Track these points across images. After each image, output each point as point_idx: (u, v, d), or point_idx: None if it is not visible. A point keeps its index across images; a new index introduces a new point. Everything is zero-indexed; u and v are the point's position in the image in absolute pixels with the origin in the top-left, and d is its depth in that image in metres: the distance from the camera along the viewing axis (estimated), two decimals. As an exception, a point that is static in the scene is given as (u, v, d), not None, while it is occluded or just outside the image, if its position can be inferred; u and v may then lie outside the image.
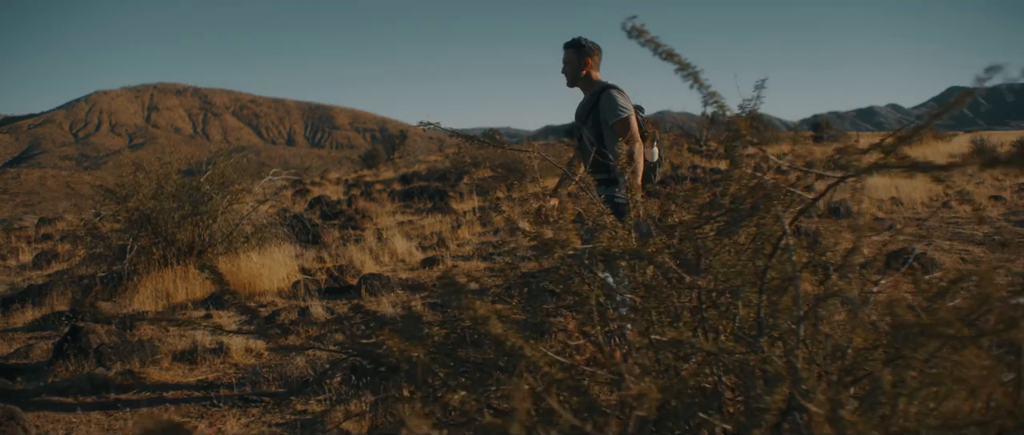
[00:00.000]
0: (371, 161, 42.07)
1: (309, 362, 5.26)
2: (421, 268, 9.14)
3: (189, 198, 8.25)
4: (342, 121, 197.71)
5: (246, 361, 5.53)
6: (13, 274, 10.91)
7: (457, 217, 14.08)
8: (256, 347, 5.74)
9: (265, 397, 4.72)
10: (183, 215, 8.10)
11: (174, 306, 7.43)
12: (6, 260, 12.25)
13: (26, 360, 5.90)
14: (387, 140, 51.86)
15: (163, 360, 5.46)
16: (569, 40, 4.94)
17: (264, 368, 5.25)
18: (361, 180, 27.77)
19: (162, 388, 4.99)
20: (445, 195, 18.40)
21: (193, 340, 5.86)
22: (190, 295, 7.73)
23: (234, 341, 5.68)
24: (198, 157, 9.06)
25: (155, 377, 5.16)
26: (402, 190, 20.88)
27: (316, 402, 4.59)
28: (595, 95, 4.82)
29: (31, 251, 13.21)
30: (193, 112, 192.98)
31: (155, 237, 8.09)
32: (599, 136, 4.81)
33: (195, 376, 5.21)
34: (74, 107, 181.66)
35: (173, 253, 8.14)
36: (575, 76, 4.92)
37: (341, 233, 12.77)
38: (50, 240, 14.93)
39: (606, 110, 4.71)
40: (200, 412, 4.52)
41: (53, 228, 16.69)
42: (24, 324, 7.32)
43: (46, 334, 6.84)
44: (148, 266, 8.08)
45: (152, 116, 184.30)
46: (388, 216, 15.62)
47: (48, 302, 7.86)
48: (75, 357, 5.28)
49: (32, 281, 10.09)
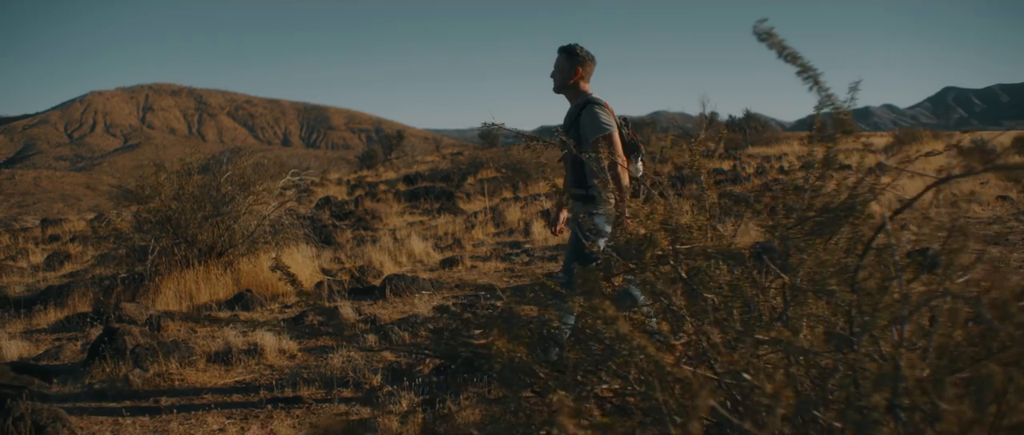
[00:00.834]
0: (369, 161, 41.99)
1: (345, 363, 5.25)
2: (441, 268, 9.13)
3: (210, 199, 8.22)
4: (337, 122, 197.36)
5: (280, 362, 5.51)
6: (27, 275, 10.87)
7: (467, 217, 14.07)
8: (289, 348, 5.72)
9: (306, 398, 4.69)
10: (205, 216, 8.08)
11: (198, 307, 7.40)
12: (17, 261, 12.20)
13: (57, 361, 5.88)
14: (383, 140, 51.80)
15: (198, 361, 5.43)
16: (565, 45, 4.81)
17: (302, 369, 5.23)
18: (363, 180, 27.72)
19: (201, 390, 4.97)
20: (452, 196, 18.38)
21: (226, 341, 5.84)
22: (213, 296, 7.70)
23: (267, 342, 5.65)
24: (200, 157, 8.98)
25: (192, 379, 5.14)
26: (407, 191, 20.86)
27: (358, 403, 4.58)
28: (578, 108, 4.70)
29: (41, 252, 13.17)
30: (188, 113, 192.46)
31: (176, 238, 8.06)
32: (579, 150, 4.67)
33: (232, 377, 5.19)
34: (69, 107, 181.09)
35: (194, 254, 8.11)
36: (563, 83, 4.78)
37: (353, 234, 12.75)
38: (58, 241, 14.87)
39: (587, 126, 4.57)
40: (244, 414, 4.50)
41: (60, 229, 16.62)
42: (48, 325, 7.29)
43: (71, 335, 6.81)
44: (169, 267, 8.05)
45: (147, 116, 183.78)
46: (397, 217, 15.60)
47: (70, 303, 7.83)
48: (111, 358, 5.25)
49: (47, 282, 10.06)
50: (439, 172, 26.22)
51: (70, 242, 13.90)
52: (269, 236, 8.59)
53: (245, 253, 8.30)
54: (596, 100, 4.69)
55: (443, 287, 7.89)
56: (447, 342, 2.52)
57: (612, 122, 4.60)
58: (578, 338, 2.45)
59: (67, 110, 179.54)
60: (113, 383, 5.06)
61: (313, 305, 2.65)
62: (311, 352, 5.73)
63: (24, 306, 7.96)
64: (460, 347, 2.47)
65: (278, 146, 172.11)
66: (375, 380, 4.87)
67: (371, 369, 5.03)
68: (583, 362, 2.38)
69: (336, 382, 4.92)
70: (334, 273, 8.65)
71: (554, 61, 4.81)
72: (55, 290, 8.41)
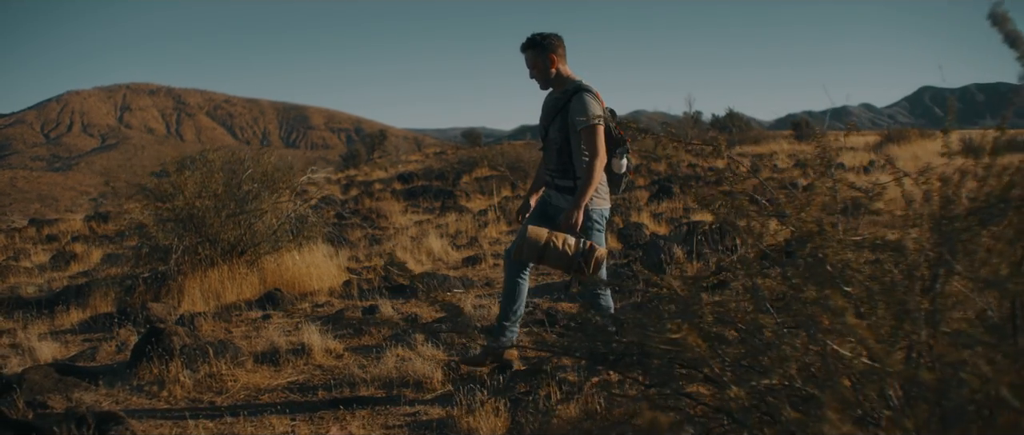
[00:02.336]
0: (352, 161, 41.74)
1: (399, 362, 5.13)
2: (464, 267, 9.01)
3: (233, 196, 8.07)
4: (317, 121, 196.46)
5: (328, 362, 5.39)
6: (35, 275, 10.65)
7: (475, 216, 13.97)
8: (334, 347, 5.60)
9: (368, 399, 4.57)
10: (229, 214, 7.92)
11: (226, 306, 7.25)
12: (19, 261, 11.96)
13: (94, 363, 5.73)
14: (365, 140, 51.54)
15: (246, 361, 5.30)
16: (525, 41, 4.62)
17: (355, 369, 5.11)
18: (354, 180, 27.49)
19: (256, 391, 4.84)
20: (452, 194, 18.24)
21: (270, 341, 5.71)
22: (240, 295, 7.55)
23: (315, 341, 5.53)
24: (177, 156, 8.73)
25: (243, 380, 5.01)
26: (404, 189, 20.72)
27: (421, 403, 4.47)
28: (567, 95, 4.55)
29: (42, 252, 12.94)
30: (166, 112, 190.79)
31: (199, 236, 7.91)
32: (566, 139, 4.57)
33: (284, 378, 5.06)
34: (45, 107, 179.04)
35: (217, 253, 7.96)
36: (546, 77, 4.63)
37: (363, 232, 12.61)
38: (57, 241, 14.62)
39: (576, 114, 4.46)
40: (309, 416, 4.38)
41: (57, 229, 16.35)
42: (72, 325, 7.13)
43: (99, 336, 6.66)
44: (193, 266, 7.90)
45: (125, 116, 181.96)
46: (401, 215, 15.47)
47: (92, 303, 7.66)
48: (159, 359, 5.10)
49: (58, 282, 9.86)
50: (433, 171, 26.06)
51: (73, 242, 13.67)
52: (291, 234, 8.44)
53: (269, 251, 8.15)
54: (587, 87, 4.55)
55: (474, 285, 7.78)
56: (592, 339, 2.41)
57: (601, 113, 4.47)
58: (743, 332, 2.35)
59: (44, 110, 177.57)
60: (163, 384, 4.92)
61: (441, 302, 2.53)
62: (357, 352, 5.61)
63: (44, 307, 7.77)
64: (606, 344, 2.37)
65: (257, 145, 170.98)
66: (437, 380, 4.76)
67: (430, 369, 4.92)
68: (743, 356, 2.29)
69: (396, 382, 4.81)
70: (359, 272, 8.51)
71: (525, 61, 4.65)
72: (73, 290, 8.22)
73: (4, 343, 6.54)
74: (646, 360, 2.32)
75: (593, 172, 4.37)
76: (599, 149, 4.42)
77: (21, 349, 6.19)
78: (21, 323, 7.27)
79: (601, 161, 4.42)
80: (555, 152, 4.63)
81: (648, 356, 2.32)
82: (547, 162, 4.78)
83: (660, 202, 13.62)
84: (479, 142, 44.05)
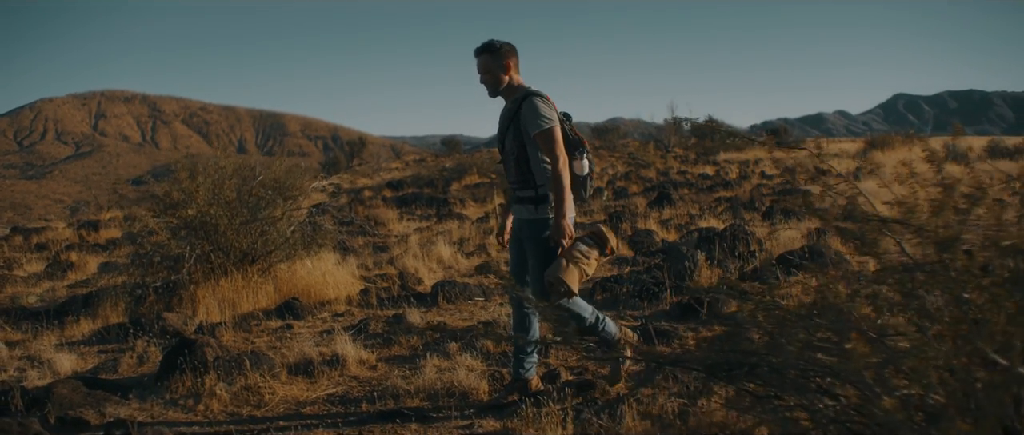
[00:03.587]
0: (332, 168, 41.51)
1: (439, 372, 4.98)
2: (477, 274, 8.88)
3: (246, 204, 7.90)
4: (293, 128, 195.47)
5: (363, 373, 5.25)
6: (32, 285, 10.38)
7: (474, 223, 13.84)
8: (367, 358, 5.45)
9: (414, 411, 4.43)
10: (242, 221, 7.75)
11: (243, 316, 7.07)
12: (13, 270, 11.67)
13: (116, 375, 5.55)
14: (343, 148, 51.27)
15: (280, 373, 5.14)
16: (480, 46, 4.44)
17: (394, 380, 4.97)
18: (340, 187, 27.23)
19: (296, 404, 4.69)
20: (446, 202, 18.10)
21: (301, 351, 5.54)
22: (256, 304, 7.38)
23: (349, 352, 5.38)
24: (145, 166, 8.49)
25: (281, 392, 4.86)
26: (395, 197, 20.53)
27: (472, 415, 4.34)
28: (517, 103, 4.38)
29: (35, 261, 12.64)
30: (142, 120, 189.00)
31: (211, 245, 7.72)
32: (522, 147, 4.38)
33: (322, 390, 4.91)
34: (18, 114, 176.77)
35: (230, 261, 7.78)
36: (497, 84, 4.44)
37: (364, 240, 12.44)
38: (47, 250, 14.31)
39: (527, 120, 4.27)
40: (358, 430, 4.23)
41: (45, 237, 16.01)
42: (83, 336, 6.92)
43: (115, 347, 6.46)
44: (204, 275, 7.71)
45: (99, 124, 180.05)
46: (398, 223, 15.30)
47: (101, 313, 7.44)
48: (192, 371, 4.93)
49: (57, 292, 9.62)
50: (422, 178, 25.87)
51: (67, 251, 13.38)
52: (304, 242, 8.27)
53: (283, 259, 7.98)
54: (536, 92, 4.38)
55: (494, 293, 7.66)
56: (722, 350, 2.30)
57: (554, 116, 4.31)
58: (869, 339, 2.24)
59: (16, 117, 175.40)
60: (199, 398, 4.75)
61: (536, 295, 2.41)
62: (391, 362, 5.47)
63: (52, 317, 7.56)
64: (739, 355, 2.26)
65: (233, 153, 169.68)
66: (483, 390, 4.63)
67: (474, 380, 4.78)
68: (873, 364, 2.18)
69: (441, 393, 4.67)
70: (374, 280, 8.35)
71: (477, 66, 4.44)
72: (80, 300, 8.00)
73: (16, 355, 6.33)
74: (778, 371, 2.21)
75: (560, 175, 4.18)
76: (559, 152, 4.23)
77: (38, 361, 5.99)
78: (30, 334, 7.06)
79: (564, 163, 4.23)
80: (513, 162, 4.44)
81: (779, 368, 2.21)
82: (507, 174, 4.59)
83: (662, 208, 13.55)
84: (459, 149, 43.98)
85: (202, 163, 8.06)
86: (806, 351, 2.27)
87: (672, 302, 6.55)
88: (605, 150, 33.28)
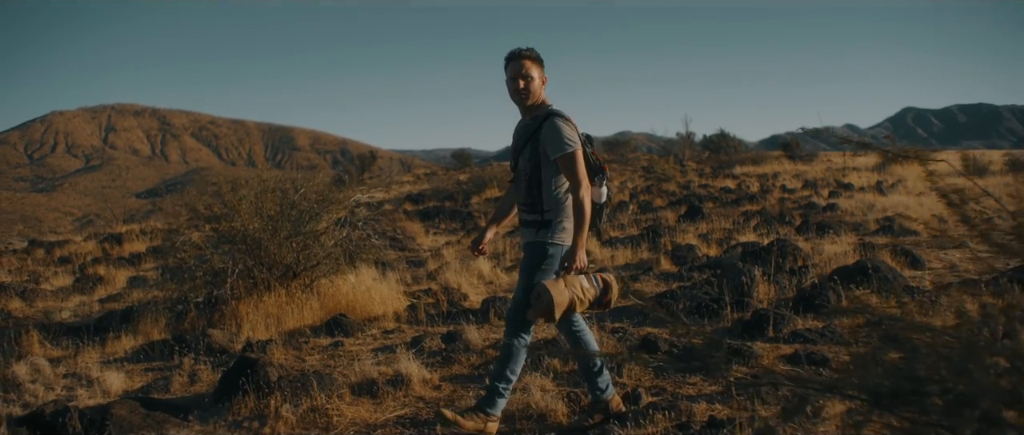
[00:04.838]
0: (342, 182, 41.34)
1: (512, 393, 4.76)
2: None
3: (288, 218, 7.71)
4: (303, 142, 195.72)
5: (428, 393, 5.03)
6: (61, 298, 10.20)
7: (503, 237, 13.64)
8: (431, 378, 5.24)
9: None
10: (286, 235, 7.56)
11: (290, 333, 6.87)
12: (40, 284, 11.49)
13: (168, 394, 5.36)
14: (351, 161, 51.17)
15: (344, 393, 4.93)
16: (524, 48, 4.14)
17: (471, 401, 4.75)
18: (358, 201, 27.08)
19: (365, 426, 4.48)
20: (471, 215, 17.92)
21: (362, 371, 5.32)
22: (301, 321, 7.17)
23: (413, 371, 5.16)
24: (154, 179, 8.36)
25: (349, 414, 4.64)
26: (416, 210, 20.36)
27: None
28: (538, 121, 4.10)
29: (61, 275, 12.46)
30: (151, 133, 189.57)
31: (253, 259, 7.53)
32: (536, 168, 4.10)
33: (389, 412, 4.69)
34: (29, 128, 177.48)
35: (273, 276, 7.59)
36: (534, 93, 4.13)
37: (396, 254, 12.24)
38: (70, 263, 14.16)
39: (549, 142, 4.00)
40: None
41: (67, 250, 15.85)
42: (126, 353, 6.74)
43: (161, 364, 6.28)
44: (247, 290, 7.52)
45: (109, 137, 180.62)
46: (425, 236, 15.11)
47: (142, 329, 7.26)
48: (255, 392, 4.73)
49: (88, 307, 9.45)
50: (442, 192, 25.72)
51: (94, 264, 13.21)
52: (347, 257, 8.08)
53: (327, 274, 7.79)
54: (559, 113, 4.10)
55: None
56: (890, 375, 2.07)
57: (577, 139, 4.04)
58: None
59: (27, 130, 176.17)
60: (264, 420, 4.55)
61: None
62: (455, 382, 5.26)
63: (92, 333, 7.37)
64: (911, 381, 2.04)
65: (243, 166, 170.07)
66: (561, 412, 4.41)
67: (550, 401, 4.56)
68: None
69: (517, 416, 4.45)
70: (417, 295, 8.14)
71: (520, 71, 4.10)
72: (119, 315, 7.82)
73: (60, 372, 6.13)
74: (965, 403, 1.99)
75: (582, 201, 3.94)
76: (582, 177, 3.98)
77: (85, 380, 5.80)
78: (71, 351, 6.87)
79: (587, 188, 3.98)
80: (524, 183, 4.17)
81: (967, 398, 2.00)
82: (516, 195, 4.33)
83: (695, 222, 13.33)
84: (470, 163, 43.79)
85: (243, 177, 7.87)
86: (997, 378, 2.07)
87: (734, 319, 6.34)
88: (618, 163, 33.08)
